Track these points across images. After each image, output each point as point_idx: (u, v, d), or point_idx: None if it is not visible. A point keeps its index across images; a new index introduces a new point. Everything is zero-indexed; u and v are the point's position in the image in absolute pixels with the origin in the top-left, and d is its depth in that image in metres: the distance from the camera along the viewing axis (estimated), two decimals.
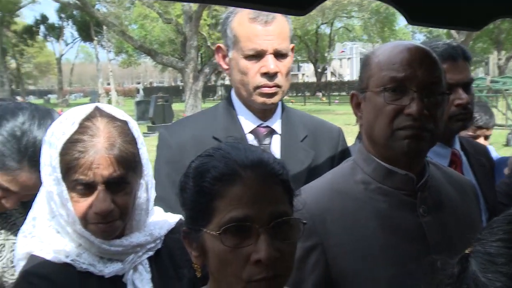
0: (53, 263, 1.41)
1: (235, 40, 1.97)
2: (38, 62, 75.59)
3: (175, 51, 41.98)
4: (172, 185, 1.94)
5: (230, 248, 1.09)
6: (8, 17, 47.82)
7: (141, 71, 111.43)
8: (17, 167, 1.65)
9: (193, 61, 24.57)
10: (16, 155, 1.64)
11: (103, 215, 1.38)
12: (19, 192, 1.71)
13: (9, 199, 1.72)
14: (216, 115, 2.10)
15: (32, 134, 1.67)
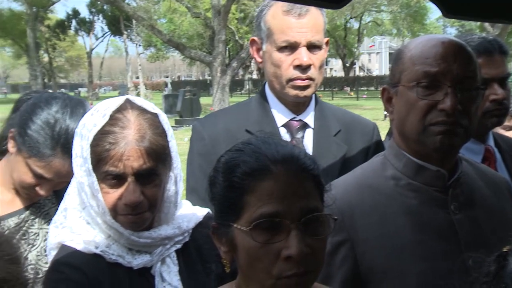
0: (83, 254, 1.43)
1: (268, 32, 1.96)
2: (70, 56, 76.94)
3: (203, 45, 42.16)
4: (204, 177, 1.94)
5: (260, 244, 1.08)
6: (42, 12, 48.75)
7: (169, 65, 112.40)
8: (51, 154, 1.70)
9: (221, 55, 24.62)
10: (49, 142, 1.70)
11: (132, 207, 1.39)
12: (53, 179, 1.75)
13: (44, 186, 1.77)
14: (249, 108, 2.10)
15: (64, 123, 1.72)
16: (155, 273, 1.47)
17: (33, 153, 1.71)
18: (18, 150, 1.76)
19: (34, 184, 1.77)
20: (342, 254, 1.48)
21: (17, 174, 1.78)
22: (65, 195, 1.56)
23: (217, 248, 1.20)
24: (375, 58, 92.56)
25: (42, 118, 1.72)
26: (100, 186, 1.40)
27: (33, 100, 1.81)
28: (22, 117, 1.76)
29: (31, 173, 1.75)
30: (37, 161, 1.72)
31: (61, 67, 78.53)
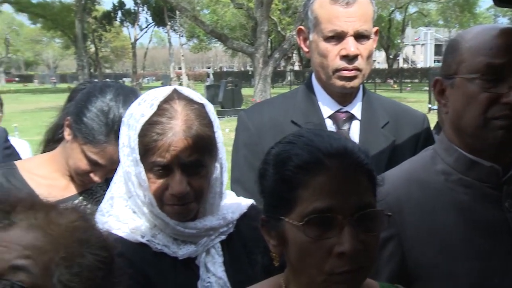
0: (130, 242, 1.43)
1: (315, 22, 1.93)
2: (115, 46, 78.72)
3: (245, 36, 42.25)
4: (248, 168, 1.96)
5: (312, 239, 1.06)
6: (90, 4, 49.94)
7: (212, 56, 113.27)
8: (105, 140, 1.75)
9: (263, 46, 24.60)
10: (104, 129, 1.74)
11: (179, 197, 1.39)
12: (106, 165, 1.79)
13: (97, 173, 1.82)
14: (295, 99, 2.07)
15: (118, 110, 1.76)
16: (200, 263, 1.47)
17: (88, 140, 1.76)
18: (73, 138, 1.81)
19: (88, 170, 1.82)
20: (390, 250, 1.45)
21: (73, 161, 1.83)
22: (111, 183, 1.58)
23: (264, 241, 1.20)
24: (419, 50, 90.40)
25: (96, 106, 1.77)
26: (147, 176, 1.40)
27: (88, 89, 1.86)
28: (77, 106, 1.82)
29: (86, 159, 1.80)
30: (91, 148, 1.77)
31: (107, 57, 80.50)
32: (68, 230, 1.11)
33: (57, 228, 1.09)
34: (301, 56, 65.65)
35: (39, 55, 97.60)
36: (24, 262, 1.04)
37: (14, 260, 1.03)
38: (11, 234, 1.06)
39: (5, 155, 2.39)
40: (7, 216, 1.08)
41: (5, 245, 1.04)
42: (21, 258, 1.04)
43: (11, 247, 1.04)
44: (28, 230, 1.07)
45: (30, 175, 1.90)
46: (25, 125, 18.14)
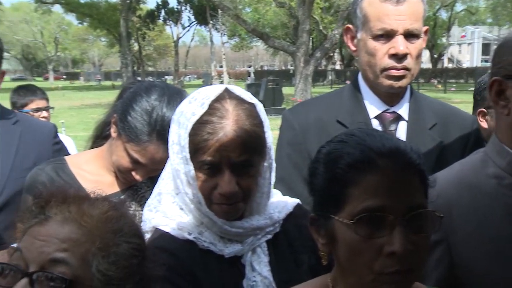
0: (177, 239, 1.45)
1: (364, 20, 1.90)
2: (157, 45, 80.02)
3: (287, 35, 42.16)
4: (293, 167, 1.96)
5: (363, 238, 1.05)
6: (134, 3, 50.97)
7: (253, 55, 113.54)
8: (147, 140, 1.77)
9: (304, 45, 24.48)
10: (146, 128, 1.76)
11: (227, 197, 1.39)
12: (147, 165, 1.81)
13: (138, 171, 1.85)
14: (341, 98, 2.05)
15: (161, 110, 1.78)
16: (246, 262, 1.46)
17: (130, 138, 1.79)
18: (118, 135, 1.84)
19: (130, 168, 1.85)
20: (438, 254, 1.42)
21: (116, 158, 1.87)
22: (159, 179, 1.59)
23: (311, 240, 1.18)
24: (466, 49, 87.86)
25: (141, 105, 1.79)
26: (196, 175, 1.40)
27: (135, 88, 1.89)
28: (123, 104, 1.85)
29: (128, 157, 1.82)
30: (134, 146, 1.79)
31: (150, 55, 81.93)
32: (101, 220, 1.14)
33: (91, 220, 1.12)
34: (343, 55, 64.99)
35: (85, 53, 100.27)
36: (63, 255, 1.07)
37: (53, 253, 1.07)
38: (47, 228, 1.10)
39: (55, 150, 2.45)
40: (42, 211, 1.12)
41: (43, 239, 1.07)
42: (60, 251, 1.07)
43: (49, 240, 1.07)
44: (63, 223, 1.10)
45: (78, 170, 1.95)
46: (71, 121, 18.71)
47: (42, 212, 1.12)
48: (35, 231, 1.10)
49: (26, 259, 1.07)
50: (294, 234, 1.56)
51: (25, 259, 1.07)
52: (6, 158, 2.30)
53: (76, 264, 1.08)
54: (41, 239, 1.08)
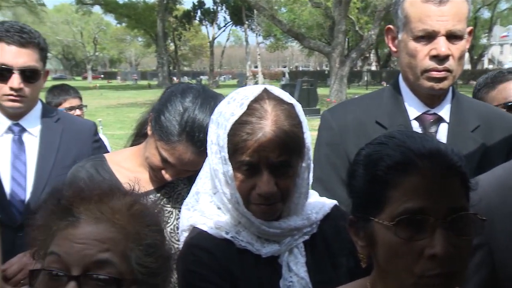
0: (214, 237, 1.45)
1: (405, 21, 1.87)
2: (193, 45, 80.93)
3: (322, 36, 41.96)
4: (330, 167, 1.95)
5: (403, 240, 1.04)
6: (171, 4, 51.71)
7: (288, 55, 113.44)
8: (176, 140, 1.79)
9: (340, 45, 24.31)
10: (177, 128, 1.78)
11: (265, 197, 1.39)
12: (176, 164, 1.84)
13: (168, 171, 1.87)
14: (380, 99, 2.03)
15: (193, 112, 1.80)
16: (282, 262, 1.46)
17: (161, 137, 1.82)
18: (152, 133, 1.88)
19: (160, 167, 1.88)
20: (478, 259, 1.39)
21: (148, 155, 1.91)
22: (197, 178, 1.61)
23: (349, 242, 1.17)
24: (508, 50, 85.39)
25: (174, 106, 1.82)
26: (235, 175, 1.41)
27: (172, 89, 1.93)
28: (159, 104, 1.89)
29: (158, 156, 1.85)
30: (163, 145, 1.82)
31: (185, 55, 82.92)
32: (131, 215, 1.16)
33: (121, 216, 1.14)
34: (379, 56, 64.21)
35: (123, 53, 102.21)
36: (107, 255, 1.09)
37: (96, 255, 1.08)
38: (82, 230, 1.10)
39: (94, 148, 2.51)
40: (70, 212, 1.12)
41: (82, 242, 1.08)
42: (102, 252, 1.09)
43: (89, 243, 1.08)
44: (97, 224, 1.11)
45: (117, 168, 1.98)
46: (108, 120, 19.07)
47: (69, 214, 1.13)
48: (70, 234, 1.10)
49: (67, 263, 1.08)
50: (331, 236, 1.55)
51: (65, 263, 1.08)
52: (48, 155, 2.36)
53: (118, 262, 1.10)
54: (80, 242, 1.08)
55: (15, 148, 2.35)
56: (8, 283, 2.09)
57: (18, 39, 2.25)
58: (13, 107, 2.31)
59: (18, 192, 2.29)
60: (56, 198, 1.17)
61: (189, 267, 1.43)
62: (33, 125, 2.41)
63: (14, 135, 2.37)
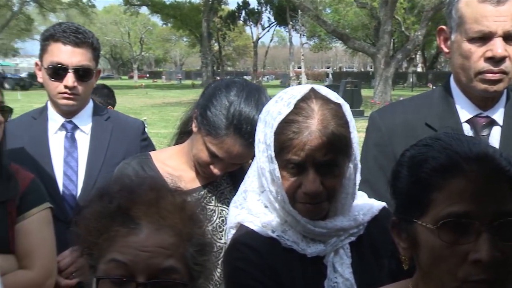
0: (261, 236, 1.46)
1: (459, 21, 1.82)
2: (237, 45, 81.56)
3: (367, 36, 41.43)
4: (378, 168, 1.93)
5: (447, 244, 1.02)
6: (216, 4, 52.24)
7: (331, 56, 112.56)
8: (224, 133, 1.82)
9: (385, 46, 23.96)
10: (224, 122, 1.81)
11: (311, 196, 1.40)
12: (224, 158, 1.86)
13: (217, 165, 1.90)
14: (430, 101, 1.99)
15: (239, 106, 1.82)
16: (328, 263, 1.46)
17: (209, 132, 1.84)
18: (198, 129, 1.90)
19: (208, 162, 1.90)
20: None
21: (196, 151, 1.93)
22: (245, 177, 1.63)
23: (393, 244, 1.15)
24: None
25: (220, 100, 1.85)
26: (281, 173, 1.42)
27: (216, 84, 1.96)
28: (204, 99, 1.92)
29: (206, 151, 1.88)
30: (211, 139, 1.84)
31: (229, 55, 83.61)
32: (184, 216, 1.17)
33: (176, 219, 1.15)
34: (425, 57, 62.79)
35: (168, 53, 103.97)
36: (171, 262, 1.10)
37: (162, 263, 1.09)
38: (147, 238, 1.11)
39: (142, 147, 2.55)
40: (129, 218, 1.13)
41: (148, 250, 1.09)
42: (167, 259, 1.10)
43: (154, 251, 1.10)
44: (159, 230, 1.12)
45: (162, 166, 2.02)
46: (153, 119, 19.43)
47: (128, 219, 1.12)
48: (134, 242, 1.10)
49: (132, 270, 1.09)
50: (378, 238, 1.54)
51: (130, 270, 1.09)
52: (98, 153, 2.43)
53: (180, 266, 1.12)
54: (146, 250, 1.09)
55: (68, 145, 2.43)
56: (61, 275, 2.16)
57: (74, 39, 2.33)
58: (67, 105, 2.39)
59: (70, 188, 2.37)
60: (108, 199, 1.18)
61: (236, 264, 1.45)
62: (85, 123, 2.48)
63: (67, 132, 2.44)
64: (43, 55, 2.39)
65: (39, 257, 1.95)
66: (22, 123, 2.47)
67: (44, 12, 49.01)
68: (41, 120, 2.47)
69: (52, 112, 2.46)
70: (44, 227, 2.02)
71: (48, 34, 2.37)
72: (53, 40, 2.35)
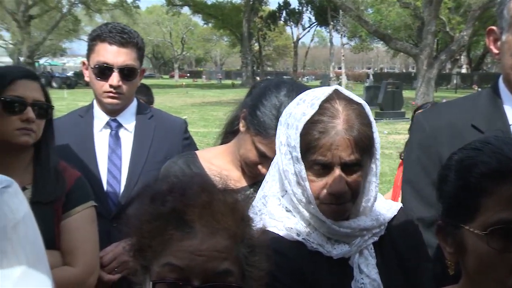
0: (286, 240, 1.45)
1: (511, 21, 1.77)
2: (277, 45, 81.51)
3: (410, 37, 40.68)
4: (421, 169, 1.90)
5: (496, 251, 1.00)
6: (257, 4, 52.42)
7: (372, 56, 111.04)
8: (274, 134, 1.82)
9: (428, 47, 23.43)
10: (274, 122, 1.81)
11: (336, 196, 1.40)
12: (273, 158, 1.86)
13: (265, 165, 1.89)
14: (477, 102, 1.93)
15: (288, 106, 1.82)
16: (353, 264, 1.46)
17: (259, 132, 1.86)
18: (247, 129, 1.92)
19: (257, 162, 1.91)
20: None
21: (243, 151, 1.95)
22: (263, 182, 1.62)
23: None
24: None
25: (270, 100, 1.86)
26: (306, 174, 1.42)
27: (265, 84, 1.97)
28: (253, 99, 1.93)
29: (255, 151, 1.89)
30: (261, 139, 1.85)
31: (269, 55, 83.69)
32: (235, 217, 1.17)
33: (230, 221, 1.15)
34: (470, 58, 61.08)
35: (208, 52, 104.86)
36: (226, 266, 1.12)
37: (218, 267, 1.11)
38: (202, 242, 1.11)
39: (184, 145, 2.57)
40: (184, 222, 1.13)
41: (204, 254, 1.10)
42: (222, 263, 1.11)
43: (210, 255, 1.10)
44: (213, 234, 1.12)
45: (208, 165, 2.04)
46: (193, 118, 19.63)
47: (183, 223, 1.13)
48: (190, 246, 1.10)
49: (188, 274, 1.10)
50: (398, 238, 1.54)
51: (186, 274, 1.10)
52: (141, 151, 2.48)
53: (234, 268, 1.13)
54: (202, 255, 1.10)
55: (112, 143, 2.49)
56: (104, 270, 2.22)
57: (119, 39, 2.38)
58: (112, 104, 2.44)
59: (114, 185, 2.42)
60: (160, 201, 1.17)
61: None
62: (128, 121, 2.53)
63: (111, 130, 2.50)
64: (90, 54, 2.45)
65: (82, 254, 2.01)
66: (69, 121, 2.54)
67: (90, 13, 50.36)
68: (87, 118, 2.53)
69: (98, 111, 2.52)
70: (88, 225, 2.07)
71: (95, 35, 2.44)
72: (100, 40, 2.40)
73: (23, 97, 1.95)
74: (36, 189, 1.99)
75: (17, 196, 1.44)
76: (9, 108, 1.93)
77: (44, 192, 1.98)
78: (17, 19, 44.65)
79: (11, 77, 1.97)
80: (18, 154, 2.00)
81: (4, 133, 1.93)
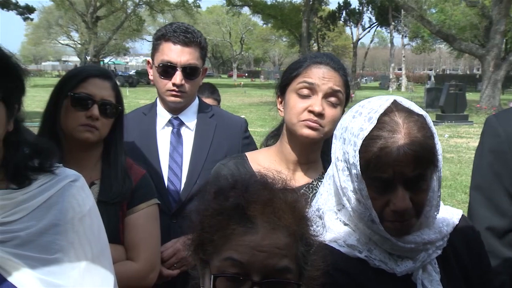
0: (348, 257, 1.40)
1: None
2: (336, 45, 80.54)
3: (475, 37, 39.12)
4: (493, 176, 1.83)
5: None
6: (317, 4, 52.05)
7: (434, 58, 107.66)
8: (306, 65, 1.90)
9: (496, 47, 22.46)
10: (302, 59, 1.87)
11: (400, 214, 1.33)
12: (317, 85, 1.88)
13: (314, 103, 1.88)
14: None
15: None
16: (417, 280, 1.39)
17: (293, 76, 1.90)
18: (281, 95, 1.97)
19: (305, 107, 1.89)
20: None
21: (288, 116, 1.94)
22: (317, 194, 1.59)
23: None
24: None
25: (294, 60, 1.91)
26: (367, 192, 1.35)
27: None
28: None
29: (299, 96, 1.89)
30: (299, 78, 1.89)
31: None
32: (296, 215, 1.17)
33: (291, 219, 1.15)
34: None
35: (267, 52, 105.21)
36: (286, 263, 1.12)
37: (278, 263, 1.11)
38: (264, 238, 1.12)
39: (244, 144, 2.58)
40: (246, 217, 1.14)
41: (265, 251, 1.11)
42: (282, 259, 1.11)
43: (270, 251, 1.11)
44: (275, 230, 1.13)
45: (258, 166, 2.03)
46: (251, 117, 19.74)
47: (245, 218, 1.14)
48: (251, 241, 1.11)
49: (248, 269, 1.11)
50: (461, 248, 1.47)
51: (246, 269, 1.11)
52: (202, 149, 2.51)
53: (293, 266, 1.14)
54: (263, 250, 1.10)
55: (174, 140, 2.54)
56: (163, 265, 2.26)
57: (183, 38, 2.43)
58: (175, 102, 2.49)
59: (174, 182, 2.47)
60: (223, 197, 1.18)
61: None
62: (190, 119, 2.58)
63: (173, 128, 2.56)
64: (155, 53, 2.51)
65: (144, 250, 2.05)
66: (133, 118, 2.61)
67: (153, 14, 51.78)
68: (151, 115, 2.59)
69: (161, 108, 2.58)
70: (151, 222, 2.12)
71: (160, 34, 2.49)
72: (164, 40, 2.46)
73: (92, 95, 2.02)
74: (103, 189, 2.05)
75: (83, 190, 1.50)
76: (77, 104, 2.01)
77: (111, 193, 2.04)
78: (85, 20, 46.71)
79: (85, 74, 2.05)
80: (89, 151, 2.08)
81: (70, 128, 2.02)
